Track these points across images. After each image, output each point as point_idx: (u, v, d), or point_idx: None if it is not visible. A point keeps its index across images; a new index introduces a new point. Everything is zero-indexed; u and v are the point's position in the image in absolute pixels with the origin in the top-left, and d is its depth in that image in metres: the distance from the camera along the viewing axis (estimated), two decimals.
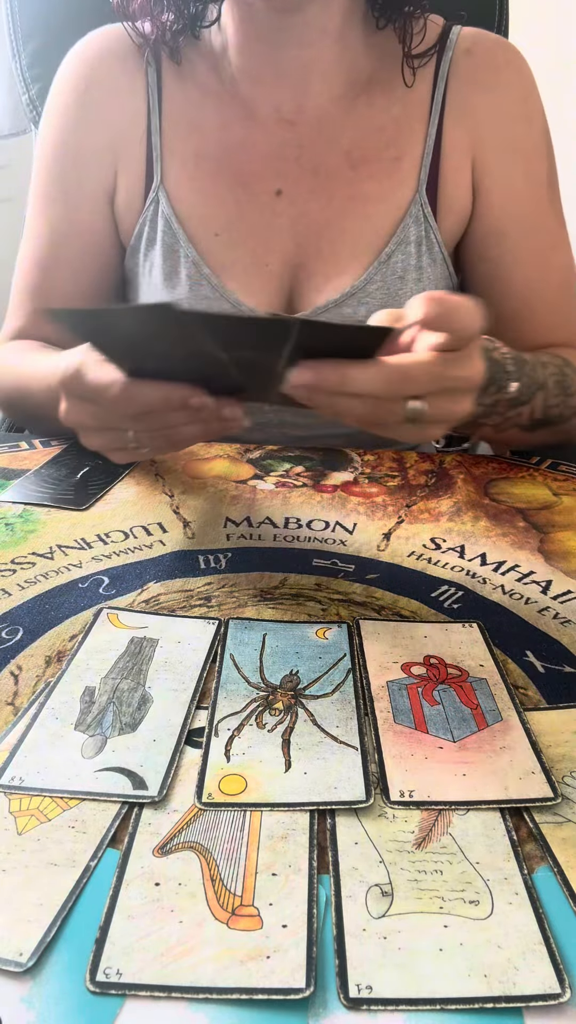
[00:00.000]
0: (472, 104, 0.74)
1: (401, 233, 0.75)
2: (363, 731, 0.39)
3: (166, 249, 0.76)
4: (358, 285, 0.74)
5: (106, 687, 0.41)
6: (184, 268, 0.75)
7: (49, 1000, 0.27)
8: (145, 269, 0.78)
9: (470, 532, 0.59)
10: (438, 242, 0.76)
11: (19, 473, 0.67)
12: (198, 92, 0.76)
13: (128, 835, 0.33)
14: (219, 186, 0.75)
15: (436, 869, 0.31)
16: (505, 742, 0.38)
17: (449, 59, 0.75)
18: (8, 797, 0.34)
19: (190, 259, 0.75)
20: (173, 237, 0.75)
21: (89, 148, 0.77)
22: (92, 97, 0.77)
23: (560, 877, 0.31)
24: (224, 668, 0.43)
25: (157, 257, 0.76)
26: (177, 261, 0.75)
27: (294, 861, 0.32)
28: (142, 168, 0.77)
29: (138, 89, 0.76)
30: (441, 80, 0.75)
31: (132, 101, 0.76)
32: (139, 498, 0.63)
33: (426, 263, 0.76)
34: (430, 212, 0.75)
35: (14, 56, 0.91)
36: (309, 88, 0.74)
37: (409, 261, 0.75)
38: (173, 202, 0.76)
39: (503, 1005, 0.27)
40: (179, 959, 0.28)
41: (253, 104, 0.75)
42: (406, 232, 0.75)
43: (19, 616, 0.47)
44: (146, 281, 0.78)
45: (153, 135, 0.76)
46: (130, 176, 0.77)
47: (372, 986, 0.27)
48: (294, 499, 0.64)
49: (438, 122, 0.75)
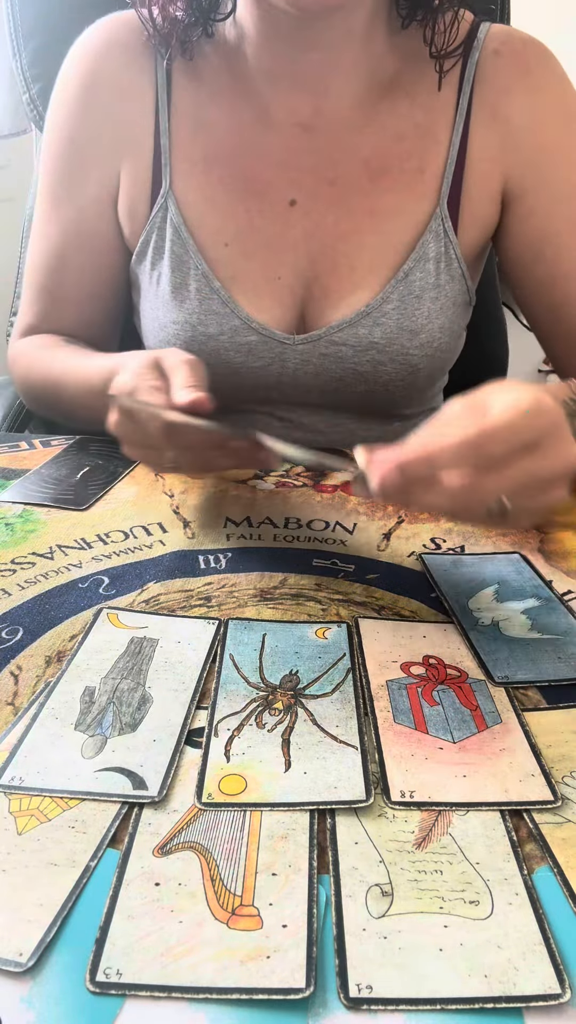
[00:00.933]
0: (503, 109, 0.71)
1: (420, 249, 0.71)
2: (363, 731, 0.39)
3: (175, 260, 0.73)
4: (374, 304, 0.71)
5: (106, 687, 0.41)
6: (194, 281, 0.72)
7: (49, 1000, 0.27)
8: (153, 278, 0.75)
9: (470, 532, 0.59)
10: (457, 258, 0.73)
11: (19, 473, 0.67)
12: (209, 90, 0.73)
13: (128, 835, 0.33)
14: (230, 194, 0.72)
15: (436, 869, 0.31)
16: (505, 744, 0.38)
17: (476, 60, 0.71)
18: (8, 797, 0.34)
19: (200, 271, 0.72)
20: (182, 247, 0.73)
21: (93, 148, 0.75)
22: (97, 93, 0.74)
23: (560, 877, 0.31)
24: (224, 668, 0.43)
25: (165, 268, 0.73)
26: (187, 273, 0.73)
27: (294, 861, 0.32)
28: (148, 170, 0.74)
29: (146, 85, 0.73)
30: (467, 83, 0.71)
31: (139, 98, 0.73)
32: (139, 498, 0.63)
33: (444, 281, 0.73)
34: (451, 227, 0.72)
35: (15, 55, 0.91)
36: (328, 92, 0.71)
37: (428, 279, 0.72)
38: (182, 208, 0.73)
39: (503, 1005, 0.27)
40: (179, 959, 0.28)
41: (268, 106, 0.72)
42: (425, 248, 0.72)
43: (19, 616, 0.47)
44: (153, 291, 0.75)
45: (161, 136, 0.73)
46: (136, 178, 0.74)
47: (372, 986, 0.27)
48: (294, 499, 0.64)
49: (463, 129, 0.71)
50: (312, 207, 0.72)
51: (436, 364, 0.76)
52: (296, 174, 0.72)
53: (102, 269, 0.78)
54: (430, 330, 0.73)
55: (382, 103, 0.72)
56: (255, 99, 0.72)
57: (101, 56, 0.74)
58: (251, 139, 0.72)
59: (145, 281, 0.76)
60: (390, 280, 0.72)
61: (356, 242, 0.72)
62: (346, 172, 0.72)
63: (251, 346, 0.73)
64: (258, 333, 0.72)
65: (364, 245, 0.72)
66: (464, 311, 0.78)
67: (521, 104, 0.71)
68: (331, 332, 0.72)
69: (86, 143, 0.75)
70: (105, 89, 0.74)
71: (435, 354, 0.74)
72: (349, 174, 0.72)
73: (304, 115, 0.72)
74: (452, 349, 0.78)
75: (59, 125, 0.76)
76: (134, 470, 0.68)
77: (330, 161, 0.72)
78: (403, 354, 0.73)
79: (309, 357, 0.73)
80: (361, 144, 0.72)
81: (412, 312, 0.72)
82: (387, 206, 0.72)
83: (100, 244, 0.77)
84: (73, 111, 0.75)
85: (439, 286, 0.73)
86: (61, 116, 0.76)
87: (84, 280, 0.79)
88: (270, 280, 0.73)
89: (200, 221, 0.73)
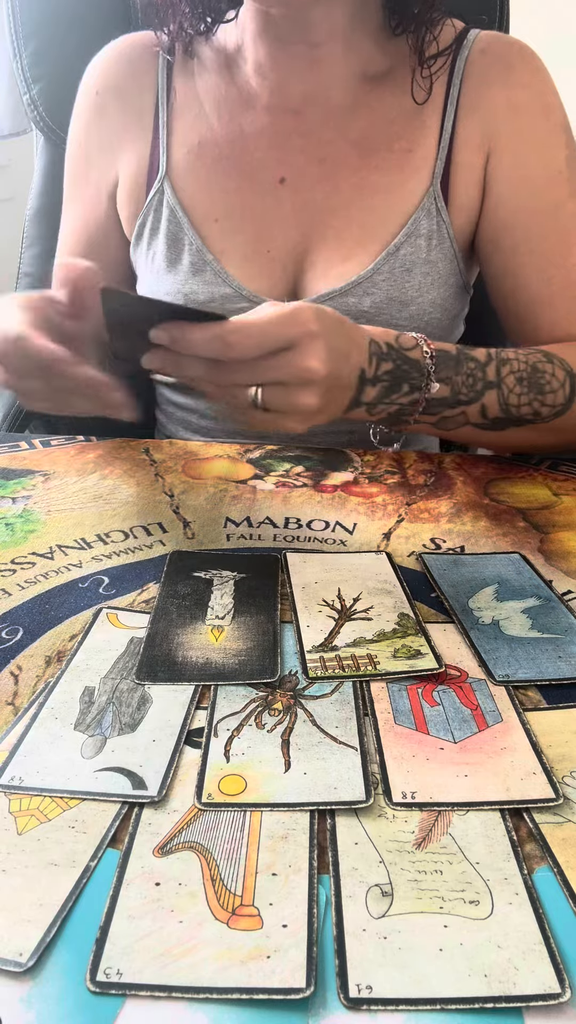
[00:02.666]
0: (486, 100, 0.74)
1: (412, 225, 0.74)
2: (362, 731, 0.39)
3: (170, 237, 0.77)
4: (364, 275, 0.74)
5: (106, 687, 0.41)
6: (187, 255, 0.76)
7: (49, 1000, 0.27)
8: (149, 257, 0.79)
9: (470, 532, 0.59)
10: (450, 237, 0.76)
11: (19, 473, 0.67)
12: (207, 86, 0.78)
13: (128, 835, 0.33)
14: (221, 174, 0.76)
15: (436, 869, 0.31)
16: (506, 743, 0.38)
17: (465, 58, 0.74)
18: (8, 797, 0.34)
19: (194, 247, 0.76)
20: (177, 225, 0.77)
21: (96, 149, 0.81)
22: (103, 101, 0.80)
23: (560, 877, 0.31)
24: None
25: (160, 245, 0.77)
26: (181, 249, 0.77)
27: (294, 861, 0.32)
28: (147, 160, 0.78)
29: (147, 87, 0.79)
30: (456, 77, 0.74)
31: (140, 99, 0.79)
32: (139, 498, 0.63)
33: (436, 257, 0.75)
34: (443, 206, 0.75)
35: (15, 56, 0.91)
36: (318, 82, 0.74)
37: (418, 255, 0.75)
38: (178, 191, 0.77)
39: (503, 1005, 0.27)
40: (179, 959, 0.28)
41: (259, 94, 0.76)
42: (417, 225, 0.74)
43: (19, 616, 0.47)
44: (149, 267, 0.79)
45: (160, 128, 0.78)
46: (134, 168, 0.79)
47: (372, 986, 0.27)
48: (294, 499, 0.64)
49: (453, 118, 0.74)
50: (301, 184, 0.76)
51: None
52: (286, 154, 0.76)
53: (110, 266, 0.82)
54: (420, 303, 0.75)
55: (372, 92, 0.75)
56: (248, 90, 0.77)
57: (108, 69, 0.80)
58: (243, 124, 0.76)
59: (142, 261, 0.81)
60: (381, 253, 0.74)
61: (345, 216, 0.75)
62: (335, 151, 0.75)
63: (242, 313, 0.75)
64: (249, 300, 0.75)
65: (353, 219, 0.75)
66: (459, 293, 0.80)
67: (501, 96, 0.74)
68: (321, 300, 0.74)
69: (91, 146, 0.81)
70: (109, 96, 0.80)
71: (426, 328, 0.76)
72: (338, 153, 0.75)
73: (294, 101, 0.76)
74: (446, 328, 0.80)
75: (73, 134, 0.83)
76: (135, 470, 0.68)
77: (320, 141, 0.76)
78: (392, 324, 0.74)
79: None
80: (351, 126, 0.76)
81: (402, 284, 0.74)
82: (376, 183, 0.75)
83: (105, 239, 0.82)
84: (82, 119, 0.82)
85: (430, 261, 0.75)
86: (74, 125, 0.83)
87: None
88: (260, 253, 0.76)
89: (193, 201, 0.77)
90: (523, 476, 0.69)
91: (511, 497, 0.65)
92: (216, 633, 0.46)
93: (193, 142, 0.77)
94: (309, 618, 0.47)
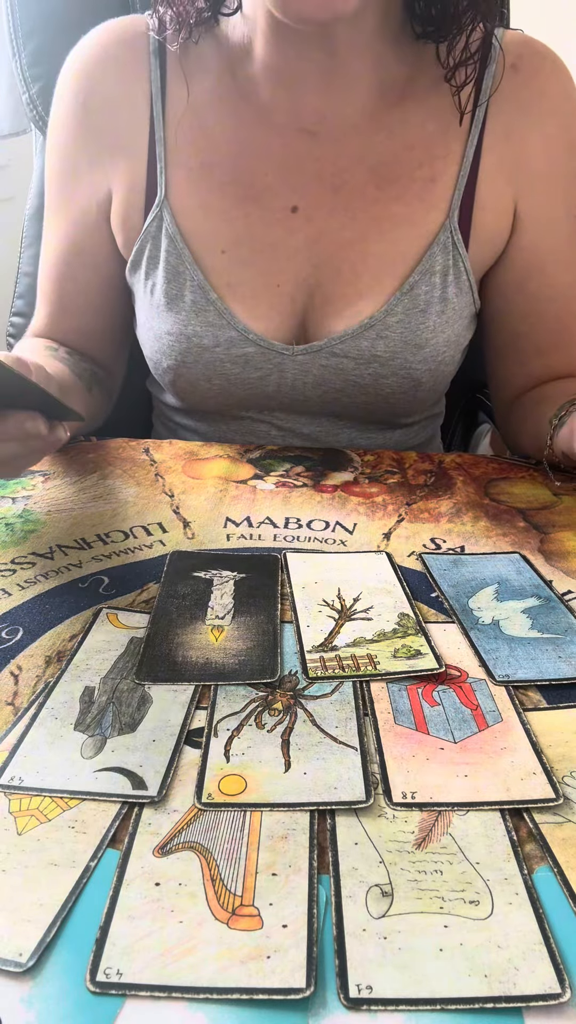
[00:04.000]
0: (517, 131, 0.69)
1: (427, 262, 0.70)
2: (362, 731, 0.39)
3: (170, 270, 0.71)
4: (378, 316, 0.70)
5: (105, 687, 0.41)
6: (189, 292, 0.71)
7: (49, 1000, 0.27)
8: (147, 288, 0.73)
9: (470, 532, 0.59)
10: (466, 271, 0.71)
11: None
12: (208, 93, 0.71)
13: (128, 835, 0.33)
14: (227, 200, 0.70)
15: (436, 869, 0.31)
16: (506, 743, 0.38)
17: (492, 72, 0.69)
18: (8, 797, 0.34)
19: (196, 283, 0.70)
20: (178, 258, 0.71)
21: (86, 163, 0.74)
22: (90, 107, 0.73)
23: (560, 877, 0.31)
24: None
25: (160, 278, 0.72)
26: (182, 284, 0.71)
27: (294, 861, 0.32)
28: (143, 181, 0.72)
29: (139, 97, 0.72)
30: (484, 95, 0.69)
31: (132, 109, 0.72)
32: (139, 498, 0.63)
33: (452, 294, 0.71)
34: (460, 239, 0.70)
35: (14, 55, 0.91)
36: (334, 96, 0.68)
37: (433, 293, 0.70)
38: (178, 217, 0.71)
39: (503, 1005, 0.27)
40: (179, 959, 0.28)
41: (270, 109, 0.70)
42: (432, 261, 0.70)
43: (19, 616, 0.47)
44: (148, 301, 0.74)
45: (156, 145, 0.71)
46: (130, 189, 0.73)
47: (372, 986, 0.27)
48: (294, 499, 0.64)
49: (477, 141, 0.69)
50: (315, 214, 0.70)
51: (439, 376, 0.75)
52: (298, 179, 0.70)
53: (100, 282, 0.77)
54: (435, 344, 0.72)
55: (393, 111, 0.70)
56: (256, 101, 0.70)
57: (93, 68, 0.73)
58: (251, 142, 0.70)
59: (140, 291, 0.75)
60: (395, 292, 0.70)
61: (361, 250, 0.70)
62: (352, 179, 0.70)
63: (248, 357, 0.72)
64: (255, 344, 0.71)
65: (369, 253, 0.70)
66: (471, 323, 0.77)
67: (534, 127, 0.70)
68: (332, 343, 0.71)
69: (79, 158, 0.74)
70: (97, 102, 0.73)
71: (439, 368, 0.74)
72: (355, 181, 0.70)
73: (308, 119, 0.70)
74: (456, 361, 0.77)
75: (55, 139, 0.76)
76: (134, 470, 0.68)
77: (335, 167, 0.70)
78: (406, 368, 0.72)
79: (308, 368, 0.72)
80: (368, 151, 0.70)
81: (417, 326, 0.70)
82: (395, 215, 0.70)
83: (95, 258, 0.76)
84: (68, 125, 0.74)
85: (445, 299, 0.71)
86: (57, 130, 0.75)
87: (85, 290, 0.78)
88: (269, 288, 0.71)
89: (196, 229, 0.71)
90: (523, 476, 0.69)
91: (511, 497, 0.65)
92: (216, 633, 0.46)
93: (194, 161, 0.71)
94: (309, 618, 0.47)
